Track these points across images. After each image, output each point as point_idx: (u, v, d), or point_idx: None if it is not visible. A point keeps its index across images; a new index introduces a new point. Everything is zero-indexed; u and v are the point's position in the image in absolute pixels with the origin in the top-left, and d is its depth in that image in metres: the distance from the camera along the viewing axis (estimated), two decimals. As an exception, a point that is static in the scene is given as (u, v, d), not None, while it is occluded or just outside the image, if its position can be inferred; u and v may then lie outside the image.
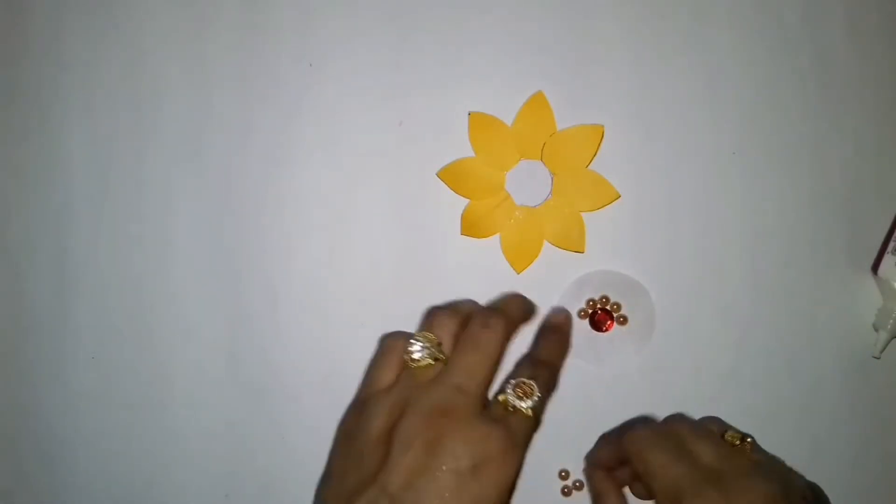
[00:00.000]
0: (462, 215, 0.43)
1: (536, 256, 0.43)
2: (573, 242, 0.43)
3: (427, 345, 0.36)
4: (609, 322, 0.42)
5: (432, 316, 0.38)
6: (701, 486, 0.34)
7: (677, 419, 0.39)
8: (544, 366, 0.38)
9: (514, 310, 0.39)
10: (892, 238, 0.42)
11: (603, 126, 0.43)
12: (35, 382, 0.44)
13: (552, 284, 0.43)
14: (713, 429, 0.38)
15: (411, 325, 0.42)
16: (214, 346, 0.43)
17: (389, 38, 0.44)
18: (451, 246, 0.43)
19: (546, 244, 0.43)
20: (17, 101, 0.45)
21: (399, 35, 0.44)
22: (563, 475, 0.42)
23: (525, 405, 0.35)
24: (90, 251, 0.44)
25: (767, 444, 0.38)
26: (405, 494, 0.32)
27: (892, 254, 0.41)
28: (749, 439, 0.37)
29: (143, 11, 0.45)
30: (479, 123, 0.43)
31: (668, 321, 0.42)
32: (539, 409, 0.35)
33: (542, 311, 0.42)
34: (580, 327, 0.43)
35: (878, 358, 0.41)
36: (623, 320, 0.42)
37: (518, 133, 0.43)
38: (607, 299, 0.42)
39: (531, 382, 0.35)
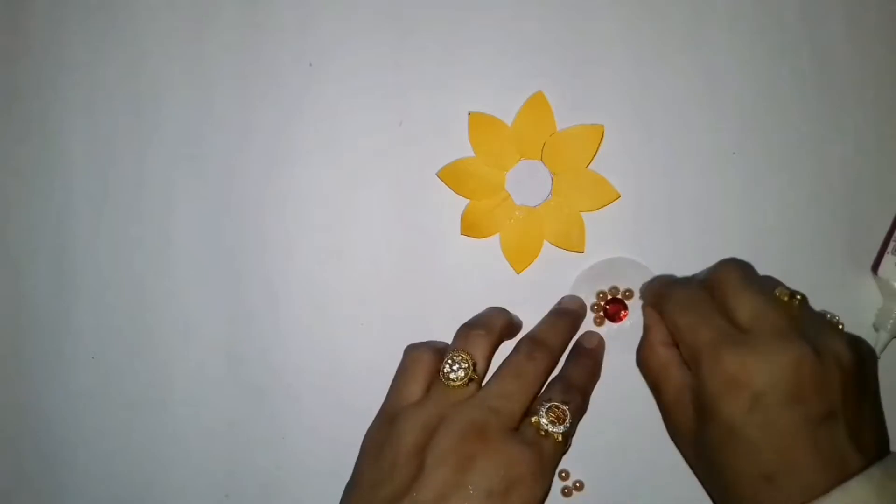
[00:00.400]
0: (462, 215, 0.43)
1: (536, 256, 0.43)
2: (573, 242, 0.43)
3: (464, 366, 0.36)
4: (623, 311, 0.42)
5: (466, 335, 0.38)
6: (721, 347, 0.33)
7: (729, 267, 0.37)
8: (577, 390, 0.38)
9: (558, 340, 0.39)
10: (893, 238, 0.42)
11: (603, 126, 0.43)
12: (35, 382, 0.44)
13: (552, 284, 0.43)
14: (762, 282, 0.37)
15: (411, 326, 0.42)
16: (214, 345, 0.43)
17: (389, 38, 0.44)
18: (451, 246, 0.43)
19: (546, 244, 0.43)
20: (17, 101, 0.45)
21: (399, 35, 0.44)
22: (564, 476, 0.42)
23: (557, 430, 0.35)
24: (90, 251, 0.44)
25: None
26: None
27: (893, 254, 0.41)
28: (798, 296, 0.36)
29: (143, 11, 0.45)
30: (479, 123, 0.43)
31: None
32: (569, 434, 0.36)
33: (542, 312, 0.42)
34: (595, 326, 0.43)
35: (878, 358, 0.41)
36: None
37: (518, 133, 0.43)
38: (617, 289, 0.42)
39: (564, 408, 0.36)
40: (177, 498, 0.43)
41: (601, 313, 0.42)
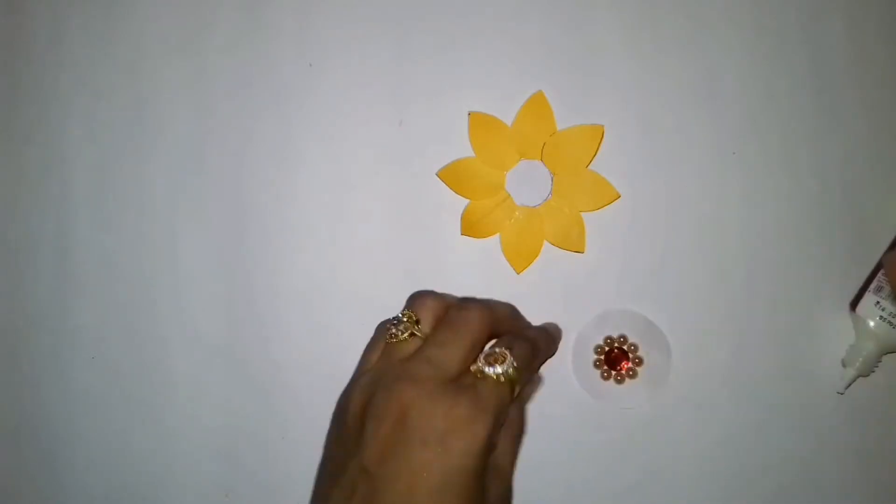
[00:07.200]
0: (462, 215, 0.43)
1: (536, 256, 0.43)
2: (573, 242, 0.43)
3: (405, 321, 0.36)
4: (624, 362, 0.42)
5: (415, 297, 0.38)
6: None
7: None
8: (523, 340, 0.37)
9: (499, 305, 0.38)
10: (876, 278, 0.41)
11: (603, 126, 0.43)
12: (35, 382, 0.44)
13: (552, 284, 0.43)
14: None
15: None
16: (215, 345, 0.43)
17: (389, 38, 0.44)
18: (451, 246, 0.43)
19: (546, 244, 0.43)
20: (17, 101, 0.45)
21: (399, 35, 0.44)
22: None
23: (495, 371, 0.34)
24: (90, 251, 0.44)
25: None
26: (380, 470, 0.32)
27: (874, 292, 0.41)
28: None
29: (144, 11, 0.45)
30: (479, 123, 0.43)
31: (667, 321, 0.42)
32: (513, 378, 0.34)
33: (542, 312, 0.42)
34: (592, 374, 0.42)
35: (842, 394, 0.41)
36: (638, 362, 0.42)
37: (518, 133, 0.43)
38: (625, 338, 0.42)
39: (504, 351, 0.35)
40: (177, 497, 0.43)
41: (602, 357, 0.42)
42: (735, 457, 0.42)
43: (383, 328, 0.37)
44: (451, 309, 0.36)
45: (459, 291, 0.42)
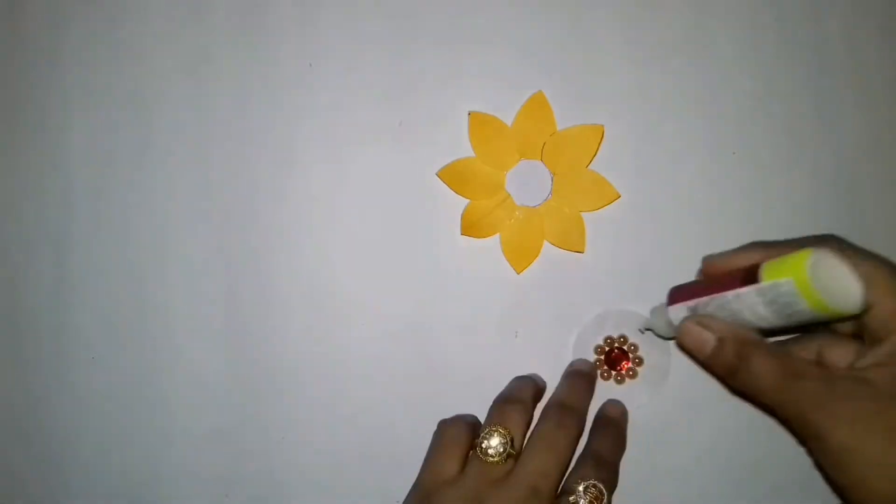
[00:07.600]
0: (462, 215, 0.43)
1: (536, 256, 0.43)
2: (573, 242, 0.43)
3: (502, 441, 0.35)
4: (624, 362, 0.42)
5: (502, 409, 0.38)
6: None
7: None
8: (608, 466, 0.37)
9: (582, 404, 0.39)
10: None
11: (603, 126, 0.43)
12: (35, 382, 0.44)
13: (552, 284, 0.43)
14: None
15: (411, 326, 0.42)
16: (214, 346, 0.43)
17: (389, 38, 0.44)
18: (451, 246, 0.43)
19: (546, 244, 0.43)
20: (17, 101, 0.45)
21: (399, 34, 0.44)
22: None
23: None
24: (90, 251, 0.44)
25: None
26: None
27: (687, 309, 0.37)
28: None
29: (143, 12, 0.45)
30: (479, 123, 0.43)
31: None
32: None
33: (542, 312, 0.43)
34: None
35: (642, 332, 0.41)
36: (638, 362, 0.42)
37: (518, 133, 0.43)
38: (625, 339, 0.42)
39: (601, 486, 0.35)
40: (177, 498, 0.43)
41: (602, 357, 0.42)
42: (734, 457, 0.42)
43: (454, 433, 0.37)
44: (548, 424, 0.36)
45: (459, 292, 0.43)
